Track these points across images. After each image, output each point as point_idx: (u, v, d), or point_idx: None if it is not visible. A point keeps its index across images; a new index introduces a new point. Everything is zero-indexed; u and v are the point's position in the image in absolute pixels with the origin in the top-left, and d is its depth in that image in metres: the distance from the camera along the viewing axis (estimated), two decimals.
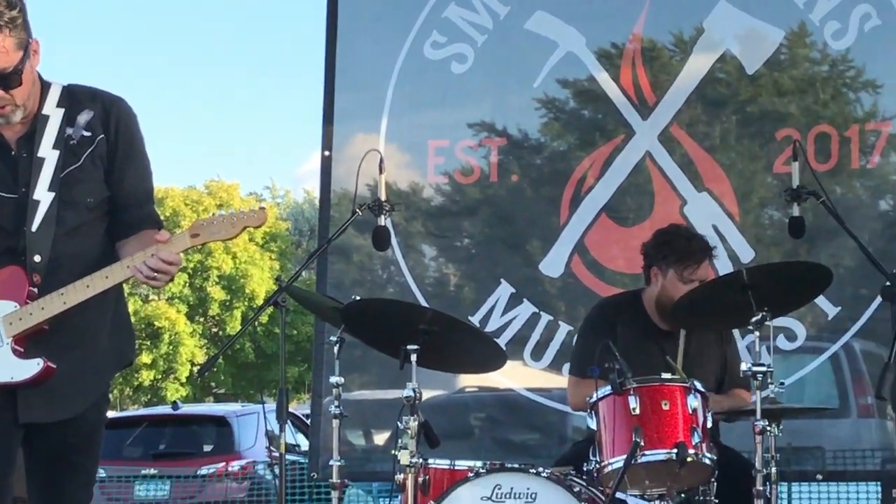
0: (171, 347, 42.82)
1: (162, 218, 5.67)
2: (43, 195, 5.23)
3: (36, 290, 5.18)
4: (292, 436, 13.41)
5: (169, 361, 42.66)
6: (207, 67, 77.48)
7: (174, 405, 19.39)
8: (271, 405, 7.69)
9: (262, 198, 51.42)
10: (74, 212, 5.26)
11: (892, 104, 9.27)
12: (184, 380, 42.08)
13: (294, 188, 54.19)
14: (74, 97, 5.38)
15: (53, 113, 5.31)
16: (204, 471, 14.98)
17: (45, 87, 5.36)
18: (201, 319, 44.76)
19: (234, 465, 14.96)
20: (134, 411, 26.05)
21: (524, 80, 9.76)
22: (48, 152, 5.26)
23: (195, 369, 41.73)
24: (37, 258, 5.20)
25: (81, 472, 5.41)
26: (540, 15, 9.65)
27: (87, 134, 5.30)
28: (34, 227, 5.21)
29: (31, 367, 5.15)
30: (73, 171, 5.27)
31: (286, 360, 7.45)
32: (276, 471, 7.37)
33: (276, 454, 7.20)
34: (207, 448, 15.67)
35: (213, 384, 42.95)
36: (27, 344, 5.16)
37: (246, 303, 43.89)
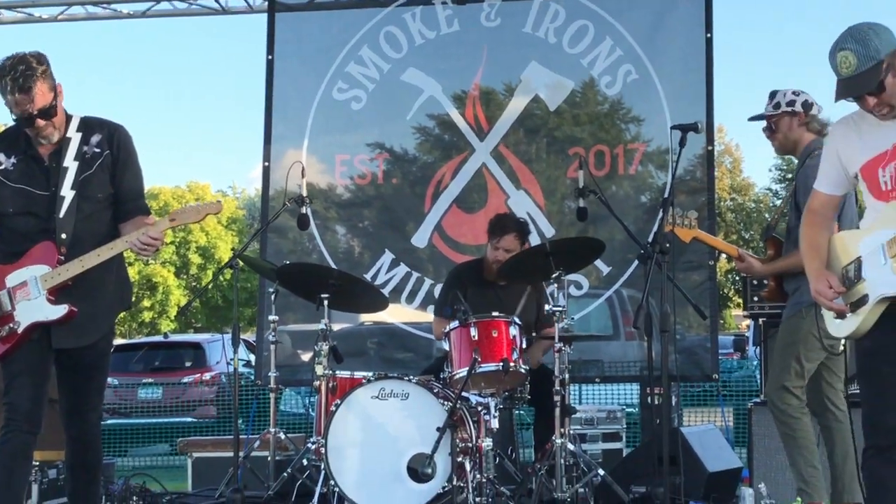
0: (163, 296, 42.38)
1: (155, 208, 5.63)
2: (67, 192, 5.17)
3: (63, 258, 5.12)
4: (245, 355, 13.31)
5: (162, 305, 42.17)
6: (194, 100, 76.62)
7: (165, 335, 19.27)
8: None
9: (227, 194, 50.79)
10: (89, 204, 5.20)
11: (647, 132, 9.36)
12: (173, 317, 41.51)
13: (248, 186, 53.32)
14: (88, 125, 5.32)
15: (74, 136, 5.25)
16: (186, 380, 14.84)
17: (68, 117, 5.30)
18: (184, 277, 44.26)
19: (207, 376, 14.82)
20: (138, 339, 25.72)
21: (401, 113, 9.68)
22: (71, 163, 5.20)
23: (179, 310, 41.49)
24: (63, 236, 5.14)
25: (95, 381, 5.35)
26: (411, 70, 9.61)
27: (97, 150, 5.25)
28: (61, 215, 5.15)
29: (60, 310, 5.09)
30: (88, 176, 5.21)
31: (240, 304, 7.39)
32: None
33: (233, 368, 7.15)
34: (188, 364, 15.50)
35: (193, 321, 42.49)
36: (57, 294, 5.10)
37: (215, 265, 43.43)
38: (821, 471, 6.01)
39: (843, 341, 5.99)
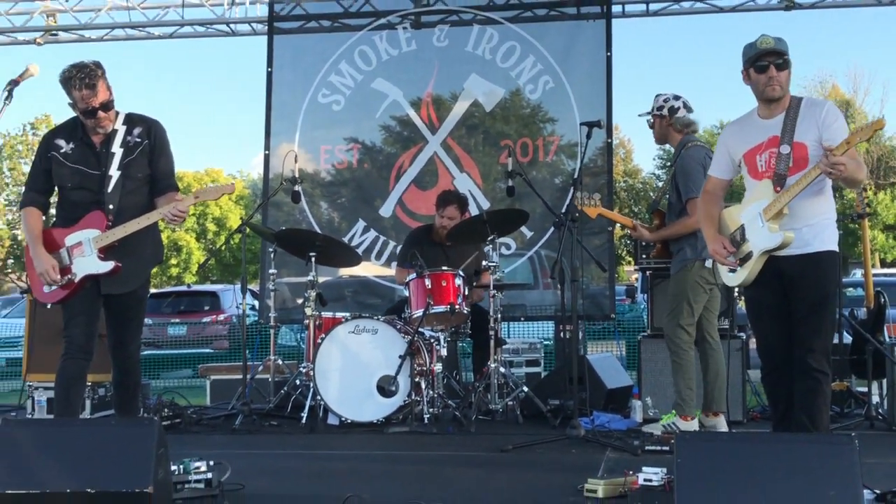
0: (187, 255, 42.15)
1: (181, 188, 5.53)
2: (114, 172, 5.10)
3: (110, 224, 5.07)
4: (251, 301, 13.22)
5: (186, 263, 41.87)
6: (210, 103, 75.33)
7: (188, 286, 19.10)
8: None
9: (235, 177, 50.23)
10: (131, 182, 5.13)
11: (560, 129, 9.40)
12: (194, 272, 41.12)
13: (252, 171, 52.70)
14: (131, 119, 5.24)
15: (120, 128, 5.17)
16: (205, 320, 14.75)
17: (115, 114, 5.24)
18: (203, 241, 43.94)
19: (221, 317, 14.76)
20: (167, 289, 25.56)
21: (371, 114, 9.65)
22: (117, 149, 5.13)
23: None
24: (111, 206, 5.07)
25: (135, 320, 5.29)
26: (379, 80, 9.60)
27: (138, 140, 5.17)
28: (109, 190, 5.08)
29: (108, 265, 5.05)
30: (131, 160, 5.13)
31: (247, 262, 7.37)
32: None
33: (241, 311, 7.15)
34: (206, 308, 15.40)
35: (210, 275, 42.19)
36: (106, 252, 5.06)
37: (227, 232, 43.11)
38: (695, 393, 6.08)
39: (718, 285, 6.11)
